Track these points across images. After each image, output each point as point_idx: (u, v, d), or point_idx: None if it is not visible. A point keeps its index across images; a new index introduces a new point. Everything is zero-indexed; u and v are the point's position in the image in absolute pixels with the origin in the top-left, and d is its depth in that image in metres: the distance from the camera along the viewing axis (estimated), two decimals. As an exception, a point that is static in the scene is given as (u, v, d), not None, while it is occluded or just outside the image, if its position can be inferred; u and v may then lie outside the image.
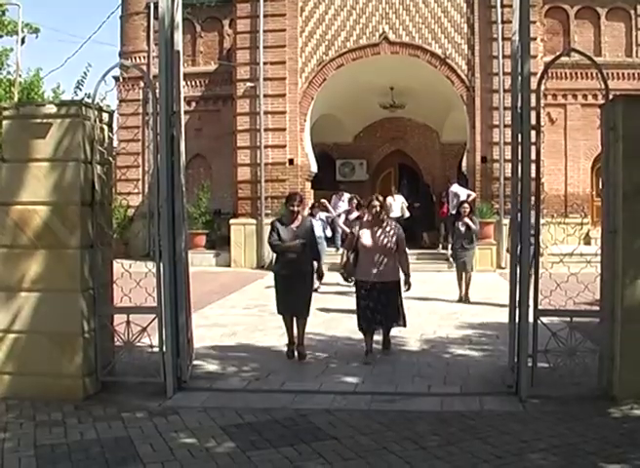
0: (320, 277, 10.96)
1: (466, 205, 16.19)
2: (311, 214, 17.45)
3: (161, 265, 8.22)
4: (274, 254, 10.75)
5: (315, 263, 10.46)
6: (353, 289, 10.59)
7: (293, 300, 10.02)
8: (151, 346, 8.53)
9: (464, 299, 15.73)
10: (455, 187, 23.35)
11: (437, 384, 8.68)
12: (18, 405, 7.81)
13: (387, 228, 10.18)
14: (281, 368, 9.41)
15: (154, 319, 8.23)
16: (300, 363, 9.95)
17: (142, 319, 8.31)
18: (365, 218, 10.85)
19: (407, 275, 10.24)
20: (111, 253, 8.87)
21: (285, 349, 10.29)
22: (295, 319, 10.17)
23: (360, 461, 6.16)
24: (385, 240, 10.07)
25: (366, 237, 10.16)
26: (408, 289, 10.26)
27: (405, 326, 10.43)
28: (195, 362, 9.17)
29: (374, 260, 10.03)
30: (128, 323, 8.34)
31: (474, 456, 6.22)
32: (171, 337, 8.16)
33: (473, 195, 22.37)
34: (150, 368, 8.36)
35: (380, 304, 10.02)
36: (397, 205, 23.68)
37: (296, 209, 10.22)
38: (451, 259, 15.78)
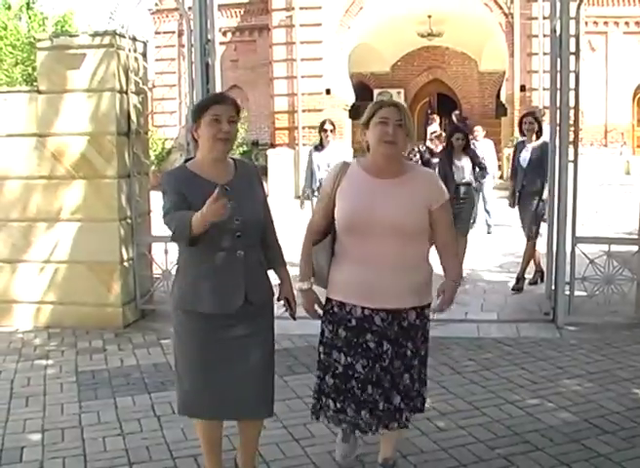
0: (289, 306, 4.86)
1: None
2: (321, 145, 10.69)
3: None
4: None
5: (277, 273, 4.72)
6: None
7: (229, 381, 4.18)
8: (189, 275, 8.57)
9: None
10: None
11: (474, 311, 8.70)
12: (59, 333, 7.98)
13: (410, 182, 4.20)
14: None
15: (192, 247, 8.27)
16: None
17: (180, 248, 8.37)
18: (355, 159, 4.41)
19: (456, 282, 4.49)
20: (148, 182, 8.91)
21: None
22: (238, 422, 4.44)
23: (396, 386, 6.19)
24: (402, 209, 4.12)
25: (351, 198, 4.22)
26: (442, 309, 4.66)
27: (422, 410, 4.61)
28: (232, 290, 9.22)
29: (370, 256, 4.18)
30: (166, 252, 8.39)
31: (510, 382, 6.26)
32: (208, 266, 8.20)
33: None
34: (188, 296, 8.44)
35: (380, 368, 4.31)
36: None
37: (224, 150, 4.18)
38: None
